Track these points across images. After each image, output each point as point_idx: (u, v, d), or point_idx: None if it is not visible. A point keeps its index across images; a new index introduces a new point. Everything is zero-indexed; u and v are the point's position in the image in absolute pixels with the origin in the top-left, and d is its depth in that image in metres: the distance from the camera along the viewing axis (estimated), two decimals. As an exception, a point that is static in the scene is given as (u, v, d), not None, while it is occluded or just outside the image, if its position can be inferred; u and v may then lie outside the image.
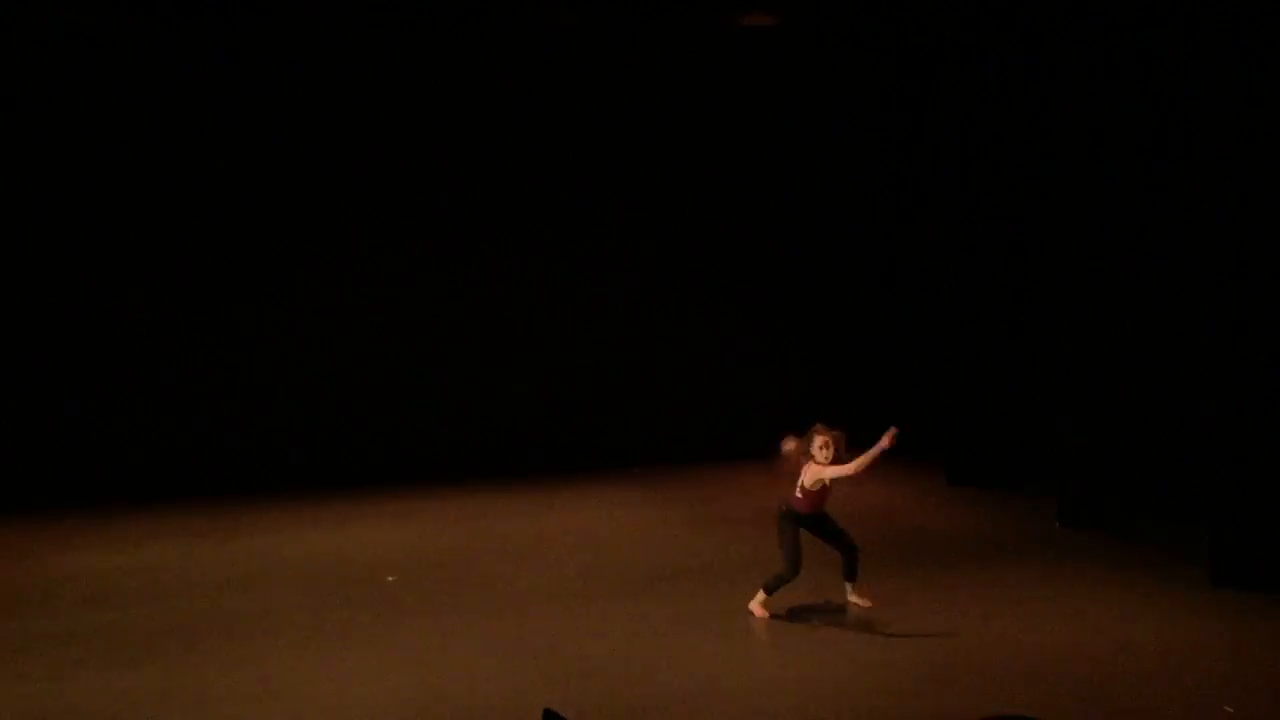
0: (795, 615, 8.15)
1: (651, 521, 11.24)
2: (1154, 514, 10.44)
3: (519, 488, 12.68)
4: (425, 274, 13.73)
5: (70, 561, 10.23)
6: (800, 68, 14.44)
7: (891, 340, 14.72)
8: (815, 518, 8.12)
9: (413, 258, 13.69)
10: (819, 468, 7.95)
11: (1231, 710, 6.37)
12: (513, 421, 13.81)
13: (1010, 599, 8.42)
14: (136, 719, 6.63)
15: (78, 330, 12.92)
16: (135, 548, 10.64)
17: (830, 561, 8.39)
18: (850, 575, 8.31)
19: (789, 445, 8.12)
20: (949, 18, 12.44)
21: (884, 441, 7.74)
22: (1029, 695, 6.60)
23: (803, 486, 8.01)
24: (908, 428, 7.99)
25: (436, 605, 8.66)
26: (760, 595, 8.13)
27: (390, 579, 9.36)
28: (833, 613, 8.18)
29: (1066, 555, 9.53)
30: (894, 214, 14.61)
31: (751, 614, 8.10)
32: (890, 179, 14.59)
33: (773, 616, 8.11)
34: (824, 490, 8.03)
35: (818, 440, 7.99)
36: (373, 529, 11.21)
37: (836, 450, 7.92)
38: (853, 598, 8.33)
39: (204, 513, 11.87)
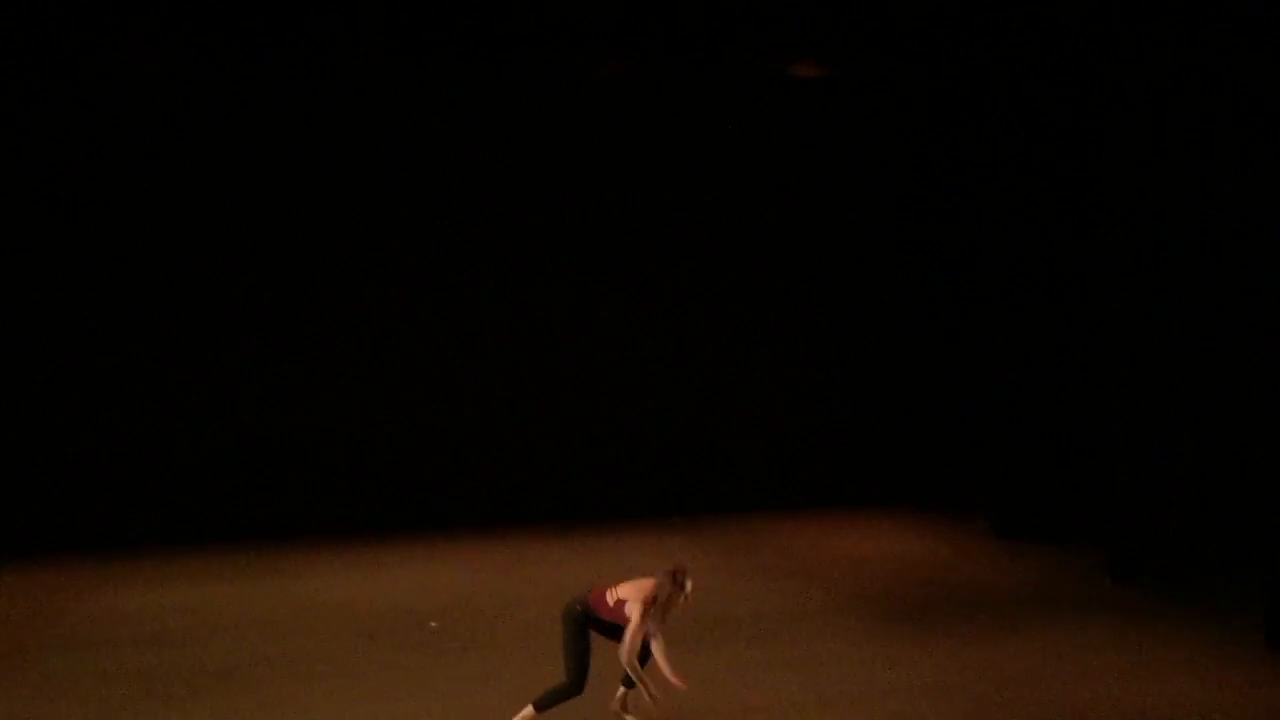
0: (837, 670, 8.08)
1: (695, 571, 11.19)
2: (1210, 571, 10.26)
3: (564, 534, 12.72)
4: (471, 323, 13.88)
5: (123, 600, 10.39)
6: (847, 117, 14.54)
7: (937, 389, 14.65)
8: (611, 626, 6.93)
9: (461, 308, 13.85)
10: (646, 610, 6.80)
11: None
12: (558, 469, 13.86)
13: (1056, 657, 8.30)
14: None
15: (135, 371, 13.17)
16: (187, 588, 10.79)
17: (874, 611, 8.31)
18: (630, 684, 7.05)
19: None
20: (996, 70, 12.48)
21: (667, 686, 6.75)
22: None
23: (633, 604, 6.79)
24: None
25: (479, 651, 8.68)
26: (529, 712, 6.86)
27: (433, 625, 9.41)
28: (875, 670, 8.11)
29: (1117, 613, 9.39)
30: (939, 262, 14.59)
31: None
32: (937, 226, 14.58)
33: (815, 670, 8.04)
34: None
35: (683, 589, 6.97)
36: (418, 573, 11.29)
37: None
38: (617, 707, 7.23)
39: (255, 554, 12.02)
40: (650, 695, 6.82)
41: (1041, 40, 11.78)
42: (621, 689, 7.15)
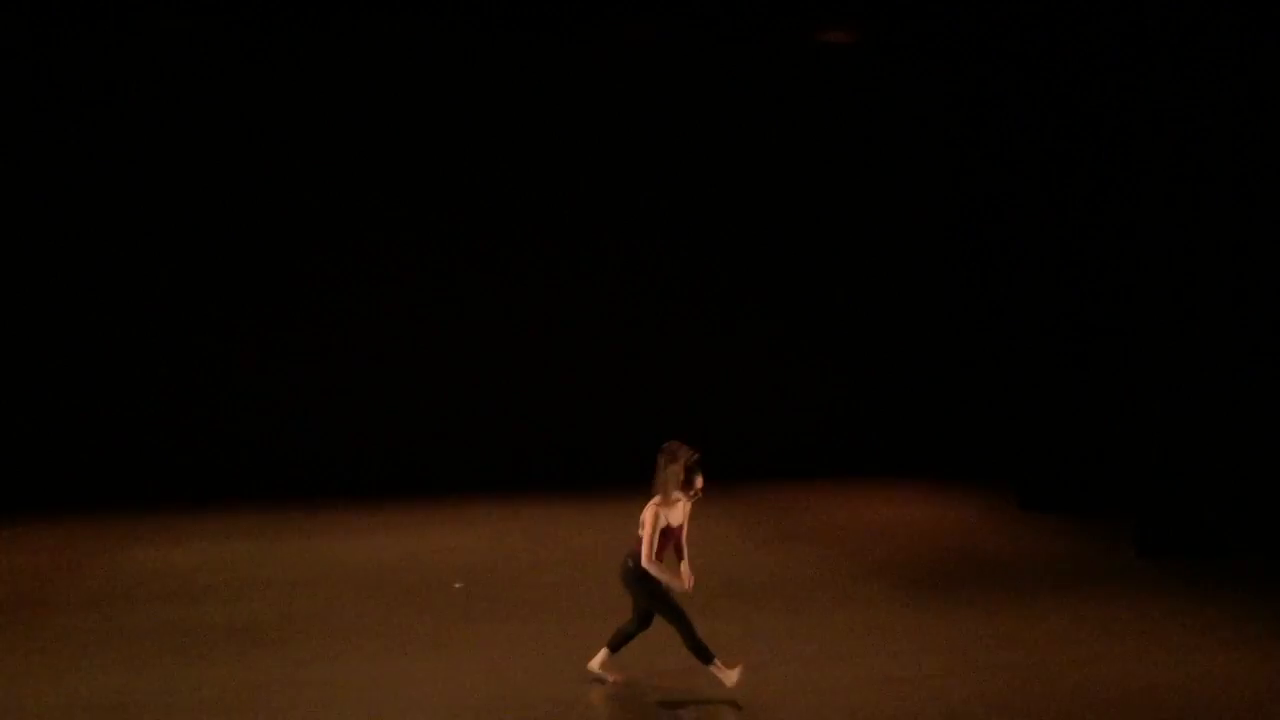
0: (858, 638, 8.09)
1: (715, 538, 11.23)
2: (1237, 546, 10.18)
3: (588, 498, 12.76)
4: (501, 291, 13.94)
5: (151, 557, 10.51)
6: (874, 85, 14.41)
7: (965, 359, 14.57)
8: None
9: (491, 277, 13.92)
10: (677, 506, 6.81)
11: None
12: (582, 435, 13.90)
13: (1078, 629, 8.26)
14: (206, 714, 6.78)
15: (160, 334, 13.30)
16: (213, 546, 10.90)
17: (890, 580, 8.27)
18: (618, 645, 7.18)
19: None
20: (1027, 42, 12.29)
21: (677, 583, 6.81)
22: (1097, 728, 6.48)
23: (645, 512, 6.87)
24: None
25: (503, 612, 8.73)
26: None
27: (458, 585, 9.46)
28: (894, 638, 8.10)
29: (1144, 587, 9.32)
30: (962, 228, 14.49)
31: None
32: (959, 193, 14.48)
33: (835, 636, 8.04)
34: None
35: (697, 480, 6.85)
36: (445, 535, 11.37)
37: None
38: (600, 668, 7.21)
39: (281, 513, 12.15)
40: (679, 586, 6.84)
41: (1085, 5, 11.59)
42: (604, 651, 7.21)
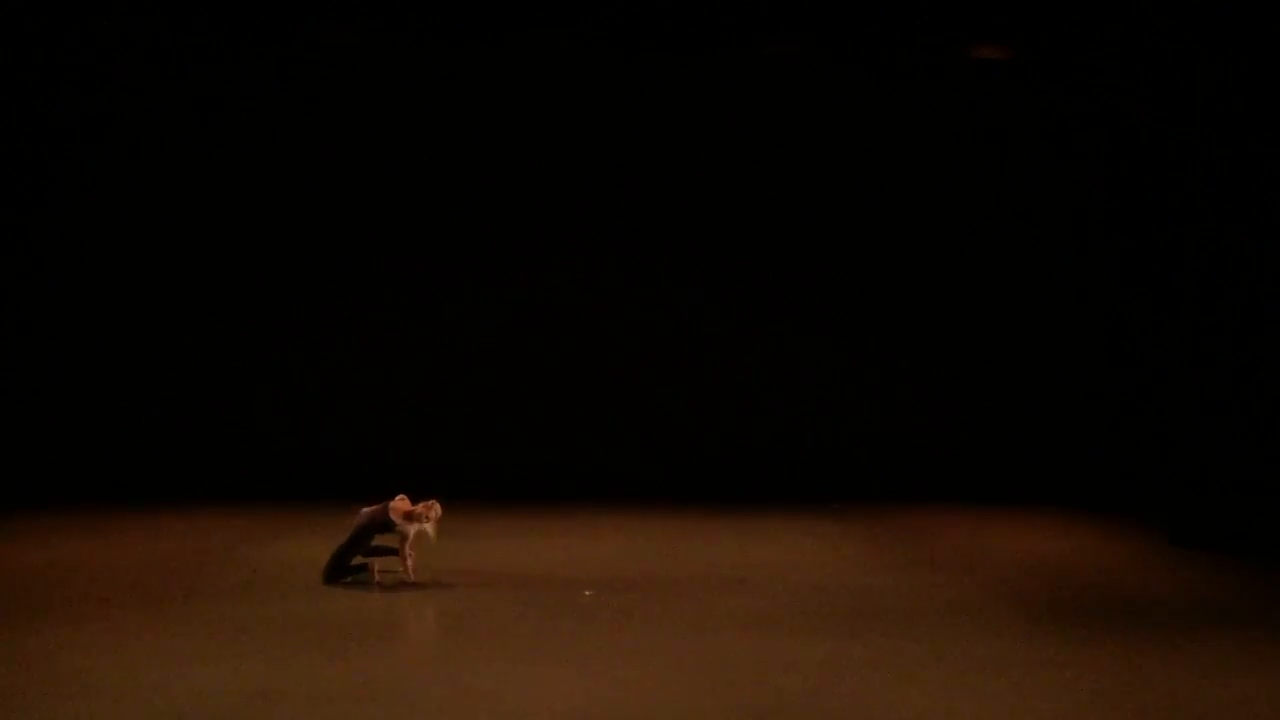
0: (992, 669, 7.87)
1: (851, 559, 11.10)
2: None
3: (721, 515, 12.74)
4: (644, 302, 14.05)
5: (295, 550, 10.89)
6: (1024, 101, 14.11)
7: (1113, 383, 14.11)
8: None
9: (619, 282, 14.05)
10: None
11: None
12: (720, 449, 13.92)
13: (1226, 673, 7.88)
14: (339, 708, 6.97)
15: (309, 335, 13.81)
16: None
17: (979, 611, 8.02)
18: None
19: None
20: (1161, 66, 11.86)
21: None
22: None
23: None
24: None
25: (631, 623, 8.76)
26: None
27: (587, 593, 9.54)
28: (1034, 671, 7.86)
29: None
30: (1112, 247, 14.06)
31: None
32: (1119, 214, 14.04)
33: (970, 667, 7.85)
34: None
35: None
36: (578, 543, 11.48)
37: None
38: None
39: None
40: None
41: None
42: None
